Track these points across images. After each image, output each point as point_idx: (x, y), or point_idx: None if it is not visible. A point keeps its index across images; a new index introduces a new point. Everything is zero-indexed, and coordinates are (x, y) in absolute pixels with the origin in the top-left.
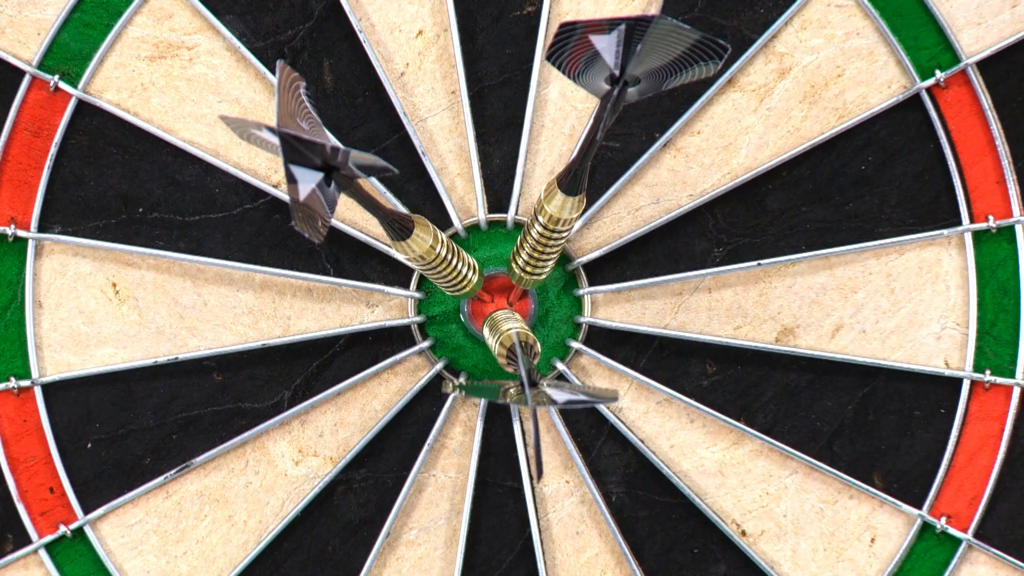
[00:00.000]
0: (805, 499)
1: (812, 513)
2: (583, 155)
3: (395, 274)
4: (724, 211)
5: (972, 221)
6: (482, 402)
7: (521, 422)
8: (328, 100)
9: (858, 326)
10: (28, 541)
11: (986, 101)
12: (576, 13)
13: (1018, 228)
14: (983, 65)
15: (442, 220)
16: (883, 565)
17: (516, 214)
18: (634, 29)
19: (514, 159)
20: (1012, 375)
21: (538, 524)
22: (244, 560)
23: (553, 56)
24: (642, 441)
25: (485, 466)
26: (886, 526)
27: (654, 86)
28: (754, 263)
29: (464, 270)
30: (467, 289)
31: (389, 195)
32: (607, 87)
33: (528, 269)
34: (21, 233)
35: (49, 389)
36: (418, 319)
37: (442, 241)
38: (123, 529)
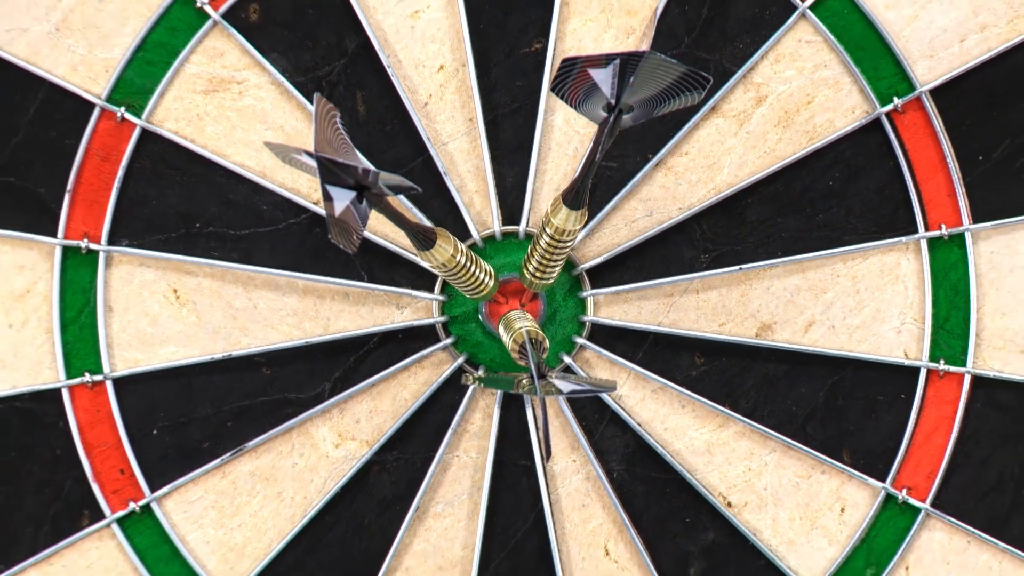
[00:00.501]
0: (783, 474)
1: (789, 487)
2: (585, 174)
3: (421, 280)
4: (709, 222)
5: (927, 229)
6: (498, 392)
7: (532, 409)
8: (361, 127)
9: (828, 322)
10: (102, 516)
11: (938, 124)
12: (577, 49)
13: (967, 235)
14: (935, 92)
15: (462, 232)
16: (852, 532)
17: (527, 226)
18: (628, 63)
19: (524, 178)
20: (963, 364)
21: (549, 498)
22: (291, 531)
23: (557, 87)
24: (639, 424)
25: (501, 448)
26: (854, 497)
27: (646, 113)
28: (736, 268)
29: (481, 276)
30: (484, 292)
31: (415, 210)
32: (605, 114)
33: (538, 274)
34: (93, 246)
35: (119, 383)
36: (442, 319)
37: (462, 250)
38: (185, 505)
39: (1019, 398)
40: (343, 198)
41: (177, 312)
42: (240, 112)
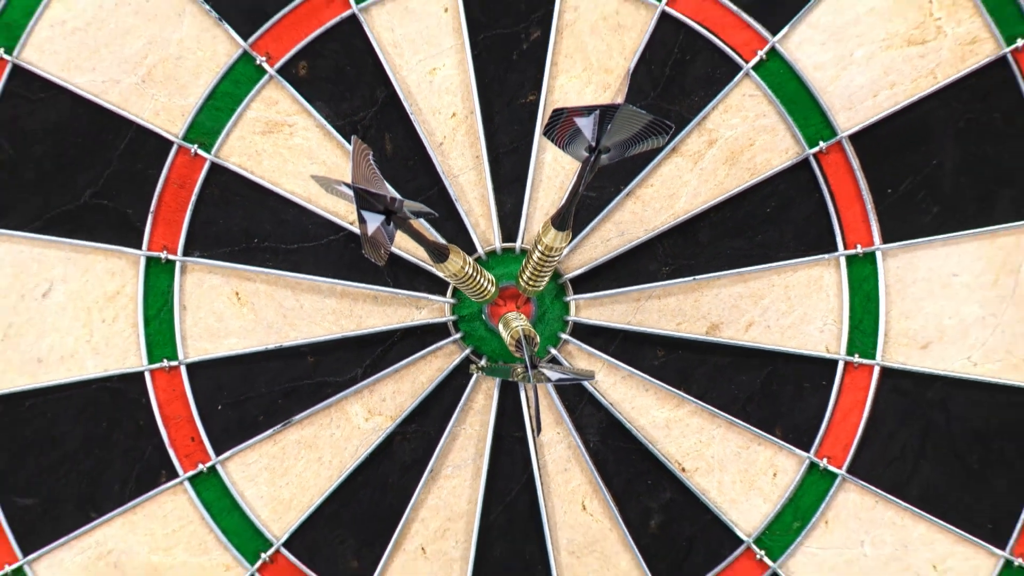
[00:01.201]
0: (727, 445)
1: (732, 455)
2: (569, 202)
3: (436, 286)
4: (669, 242)
5: (845, 248)
6: (497, 378)
7: (525, 392)
8: (388, 163)
9: (764, 323)
10: (176, 475)
11: (855, 163)
12: (564, 101)
13: (878, 254)
14: (853, 138)
15: (469, 247)
16: (782, 492)
17: (522, 243)
18: (605, 113)
19: (520, 204)
20: (873, 357)
21: (537, 463)
22: (329, 489)
23: (547, 132)
24: (611, 404)
25: (500, 423)
26: (784, 465)
27: (619, 153)
28: (690, 278)
29: (485, 283)
30: (487, 297)
31: (431, 230)
32: (586, 154)
33: (531, 283)
34: (171, 257)
35: (191, 368)
36: (452, 318)
37: (469, 263)
38: (243, 467)
39: (917, 385)
40: (374, 220)
41: (238, 311)
42: (291, 149)
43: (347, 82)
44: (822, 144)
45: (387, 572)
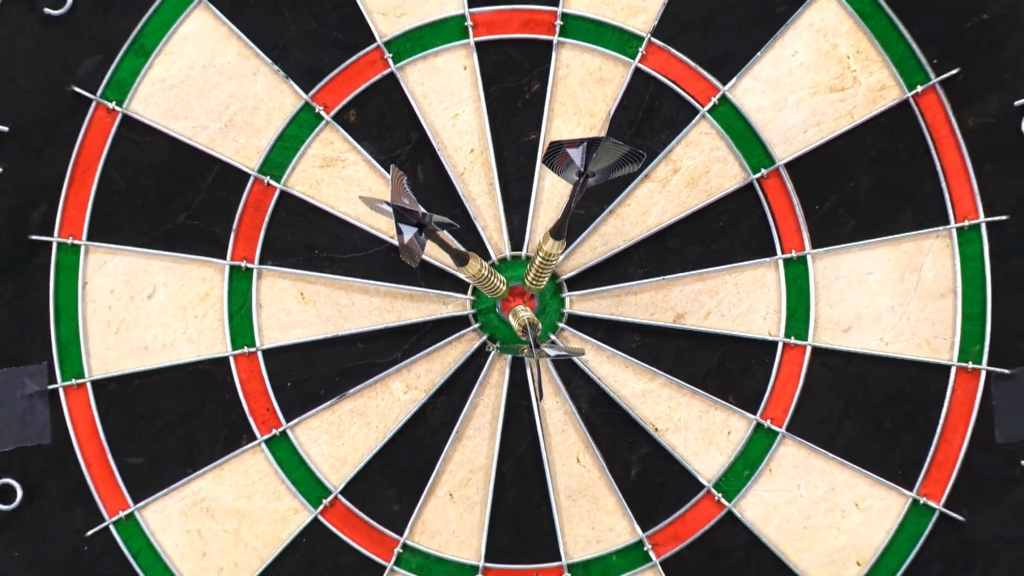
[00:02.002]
0: (690, 410)
1: (694, 418)
2: (564, 217)
3: (459, 286)
4: (643, 250)
5: (783, 253)
6: (508, 356)
7: (530, 368)
8: (420, 189)
9: (719, 312)
10: (255, 438)
11: (790, 186)
12: (559, 135)
13: (808, 257)
14: (788, 165)
15: (484, 255)
16: (735, 447)
17: (526, 251)
18: (592, 145)
19: (525, 221)
20: (806, 339)
21: (540, 425)
22: (375, 448)
23: (546, 161)
24: (599, 378)
25: (511, 394)
26: (736, 426)
27: (603, 177)
28: (660, 278)
29: (498, 283)
30: (499, 294)
31: (455, 241)
32: (576, 178)
33: (534, 282)
34: (249, 265)
35: (266, 353)
36: (472, 311)
37: (485, 267)
38: (308, 431)
39: (841, 361)
40: (409, 232)
41: (303, 308)
42: (343, 179)
43: (387, 126)
44: (763, 171)
45: (423, 513)
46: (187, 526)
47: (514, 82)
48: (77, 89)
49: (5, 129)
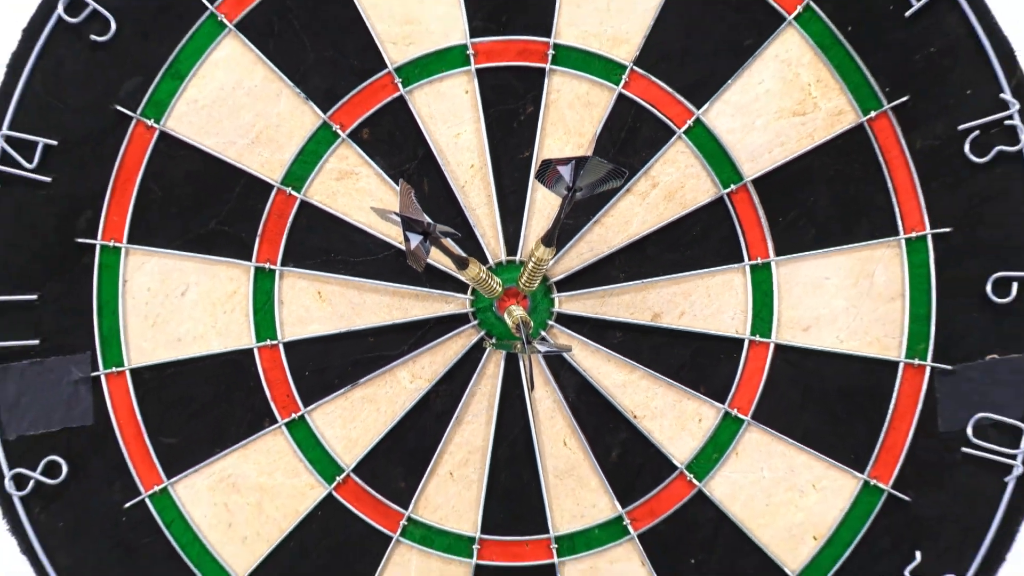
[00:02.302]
0: (666, 400)
1: (669, 407)
2: (554, 227)
3: (459, 287)
4: (625, 256)
5: (749, 260)
6: (503, 351)
7: (522, 361)
8: (426, 200)
9: (692, 312)
10: (276, 421)
11: (756, 200)
12: (550, 155)
13: (772, 264)
14: (755, 181)
15: (483, 259)
16: (705, 433)
17: (520, 256)
18: (579, 162)
19: (519, 229)
20: (769, 337)
21: (532, 412)
22: (384, 430)
23: (538, 176)
24: (584, 370)
25: (505, 384)
26: (706, 414)
27: (590, 191)
28: (640, 281)
29: (494, 285)
30: (496, 295)
31: (456, 247)
32: (566, 192)
33: (527, 284)
34: (272, 267)
35: (287, 345)
36: (471, 310)
37: (483, 270)
38: (324, 415)
39: (800, 357)
40: (415, 239)
41: (320, 305)
42: (358, 191)
43: (396, 143)
44: (732, 186)
45: (426, 490)
46: (215, 499)
47: (510, 105)
48: (119, 108)
49: (54, 143)
